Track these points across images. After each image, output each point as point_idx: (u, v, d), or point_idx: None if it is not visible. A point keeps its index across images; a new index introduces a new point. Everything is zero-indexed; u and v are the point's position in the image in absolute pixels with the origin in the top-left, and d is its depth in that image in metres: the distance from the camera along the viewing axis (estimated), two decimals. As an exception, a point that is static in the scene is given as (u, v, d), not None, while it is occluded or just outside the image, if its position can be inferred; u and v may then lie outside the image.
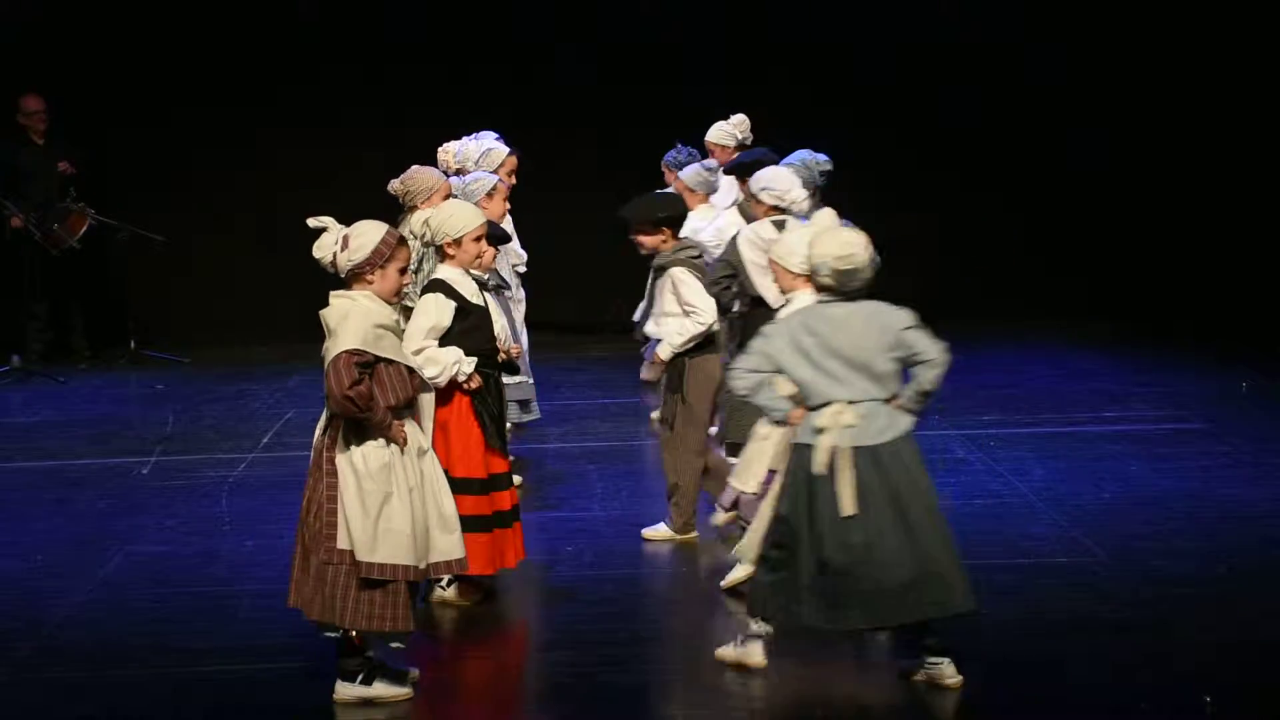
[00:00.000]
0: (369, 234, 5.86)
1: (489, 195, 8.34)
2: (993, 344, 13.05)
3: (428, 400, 5.98)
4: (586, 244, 12.83)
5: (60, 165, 13.06)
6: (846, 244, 5.85)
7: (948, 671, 5.85)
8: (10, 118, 13.29)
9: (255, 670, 6.26)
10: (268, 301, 13.24)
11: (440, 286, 6.78)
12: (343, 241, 5.84)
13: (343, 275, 5.88)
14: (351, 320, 5.75)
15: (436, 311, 6.74)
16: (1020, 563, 7.32)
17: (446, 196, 7.89)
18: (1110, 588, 6.93)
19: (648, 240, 7.72)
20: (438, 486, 5.95)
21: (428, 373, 6.59)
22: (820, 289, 5.91)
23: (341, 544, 5.75)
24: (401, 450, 5.80)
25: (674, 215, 7.76)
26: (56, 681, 6.22)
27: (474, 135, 9.27)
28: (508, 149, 9.10)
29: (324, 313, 5.84)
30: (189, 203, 13.94)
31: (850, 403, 5.80)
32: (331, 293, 5.88)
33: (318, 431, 5.88)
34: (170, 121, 13.93)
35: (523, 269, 9.25)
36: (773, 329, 5.98)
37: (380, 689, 5.91)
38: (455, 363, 6.72)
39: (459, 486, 6.60)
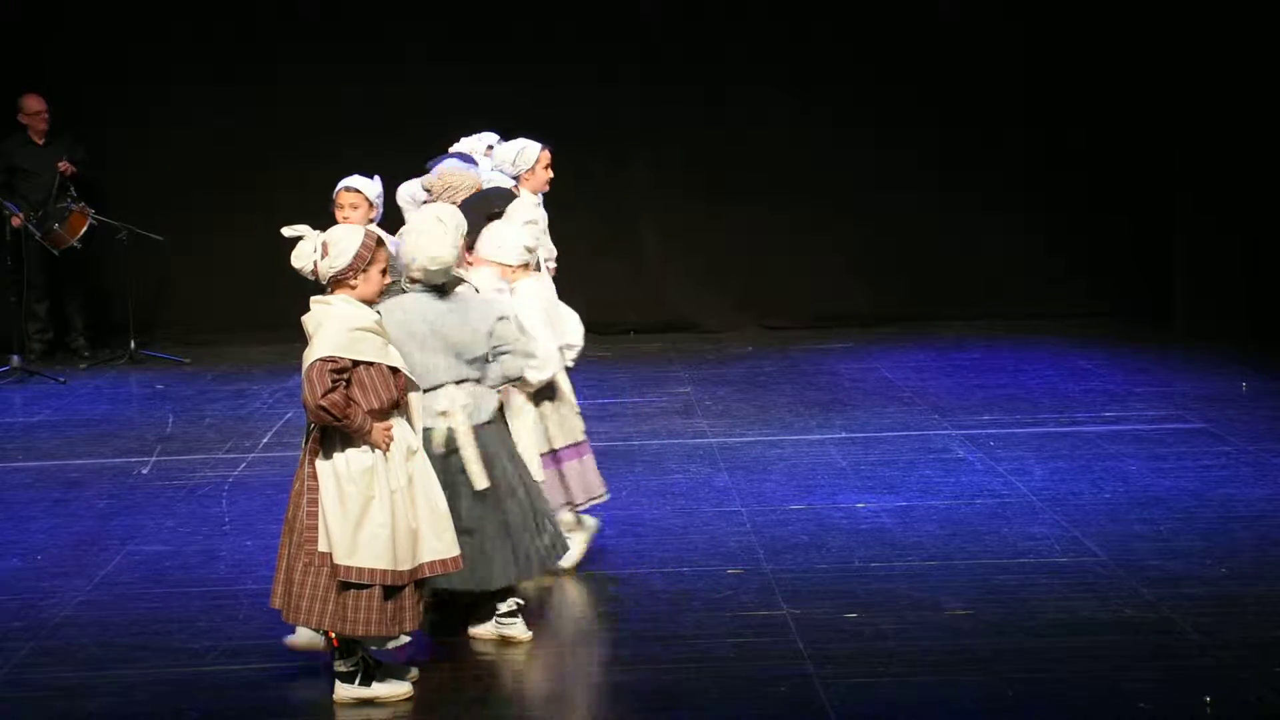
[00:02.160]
0: (349, 240, 5.80)
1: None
2: (993, 344, 13.06)
3: (416, 399, 5.96)
4: (583, 245, 12.83)
5: (60, 166, 13.07)
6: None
7: (519, 630, 6.49)
8: (10, 117, 13.31)
9: (255, 670, 6.25)
10: (268, 302, 13.24)
11: None
12: (322, 249, 5.78)
13: (324, 282, 5.83)
14: (326, 327, 5.71)
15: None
16: (1020, 562, 7.33)
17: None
18: (1110, 588, 6.93)
19: None
20: (428, 486, 5.91)
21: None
22: (413, 280, 6.25)
23: (321, 547, 5.73)
24: (385, 453, 5.78)
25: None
26: (56, 681, 6.21)
27: (476, 136, 9.23)
28: (540, 145, 9.06)
29: (304, 319, 5.80)
30: (189, 203, 13.94)
31: (458, 383, 6.24)
32: (312, 298, 5.84)
33: (305, 435, 5.87)
34: (170, 120, 13.95)
35: (553, 264, 9.22)
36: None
37: (379, 689, 5.91)
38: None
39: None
